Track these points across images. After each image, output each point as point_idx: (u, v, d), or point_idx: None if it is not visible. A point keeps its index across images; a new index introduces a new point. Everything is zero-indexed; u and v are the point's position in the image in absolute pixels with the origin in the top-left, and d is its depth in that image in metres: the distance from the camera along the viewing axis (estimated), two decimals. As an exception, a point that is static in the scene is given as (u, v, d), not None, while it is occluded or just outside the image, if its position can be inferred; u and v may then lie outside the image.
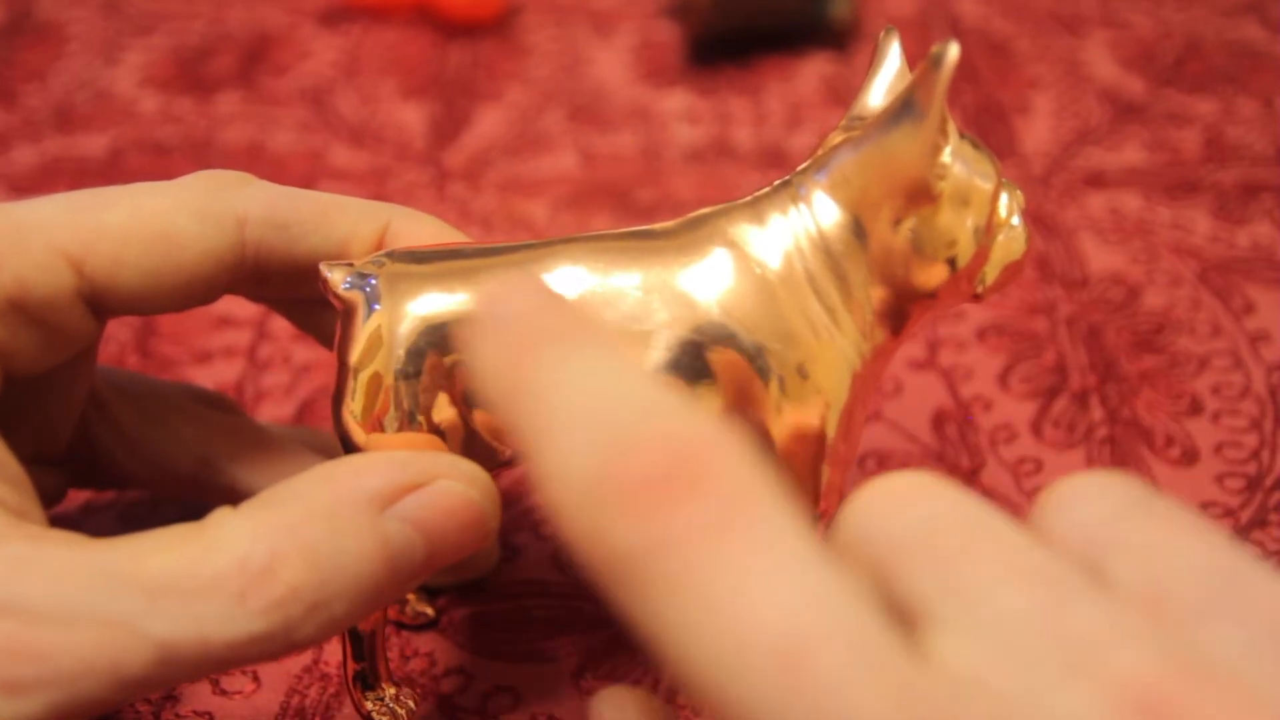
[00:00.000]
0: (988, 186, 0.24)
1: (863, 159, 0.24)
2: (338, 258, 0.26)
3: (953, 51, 0.22)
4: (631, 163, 0.47)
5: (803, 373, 0.24)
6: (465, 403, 0.24)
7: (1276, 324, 0.39)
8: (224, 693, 0.29)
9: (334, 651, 0.30)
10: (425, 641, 0.31)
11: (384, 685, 0.28)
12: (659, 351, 0.24)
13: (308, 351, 0.39)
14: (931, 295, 0.24)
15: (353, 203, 0.27)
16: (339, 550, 0.21)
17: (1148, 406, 0.37)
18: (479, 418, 0.25)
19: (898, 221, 0.24)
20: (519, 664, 0.30)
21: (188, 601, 0.20)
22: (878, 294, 0.24)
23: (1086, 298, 0.41)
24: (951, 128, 0.23)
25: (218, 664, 0.21)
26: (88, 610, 0.20)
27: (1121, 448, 0.35)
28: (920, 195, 0.23)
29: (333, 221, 0.26)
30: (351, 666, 0.27)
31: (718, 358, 0.24)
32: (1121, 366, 0.38)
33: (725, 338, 0.24)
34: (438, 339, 0.24)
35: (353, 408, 0.24)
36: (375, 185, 0.46)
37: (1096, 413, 0.37)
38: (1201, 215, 0.44)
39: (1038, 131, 0.48)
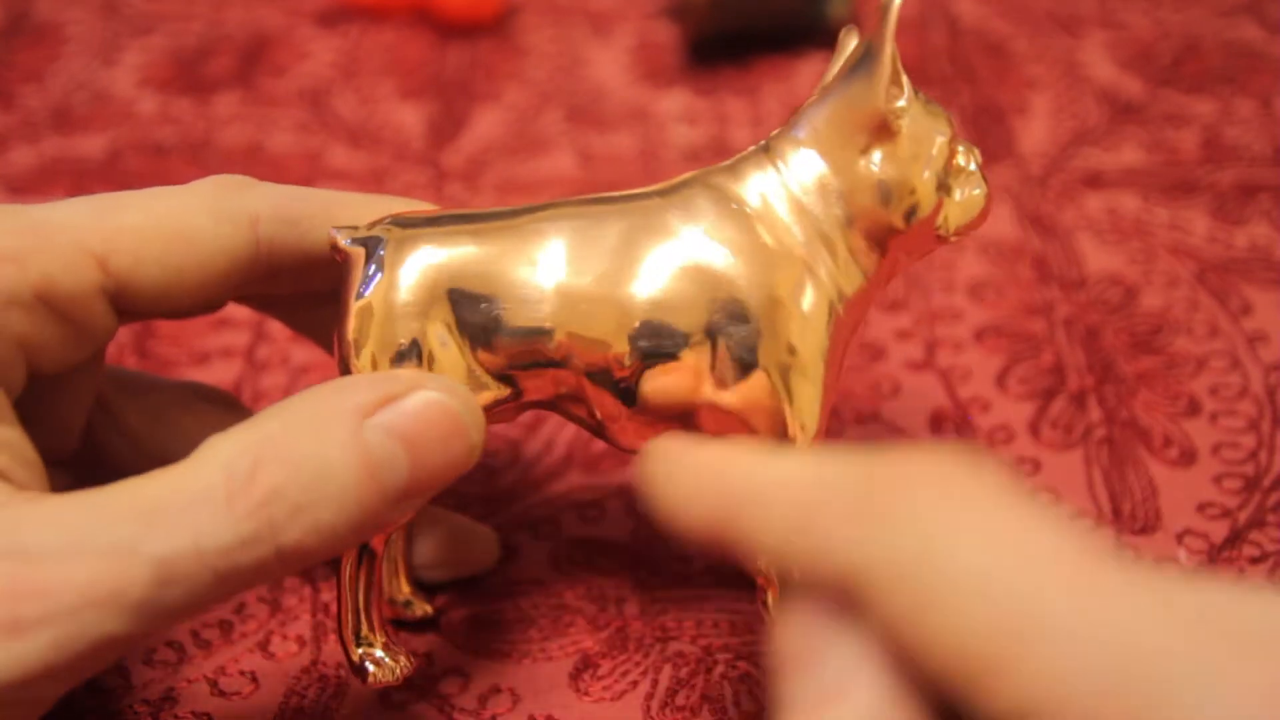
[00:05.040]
0: (944, 135, 0.27)
1: (830, 108, 0.27)
2: None
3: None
4: (630, 163, 0.47)
5: (775, 300, 0.26)
6: (462, 333, 0.26)
7: (1274, 325, 0.39)
8: (222, 694, 0.29)
9: (333, 653, 0.30)
10: (423, 642, 0.31)
11: (375, 635, 0.27)
12: (647, 281, 0.26)
13: (305, 353, 0.39)
14: (903, 229, 0.27)
15: (356, 197, 0.29)
16: (320, 457, 0.22)
17: (1145, 407, 0.37)
18: (479, 355, 0.27)
19: (864, 153, 0.26)
20: (517, 664, 0.30)
21: (180, 515, 0.21)
22: (853, 233, 0.27)
23: (1084, 298, 0.41)
24: (906, 82, 0.26)
25: (215, 578, 0.21)
26: (86, 543, 0.21)
27: (1119, 448, 0.35)
28: (882, 130, 0.26)
29: (337, 216, 0.28)
30: (347, 618, 0.27)
31: (696, 274, 0.26)
32: (1119, 367, 0.38)
33: (706, 254, 0.26)
34: (441, 281, 0.26)
35: (349, 338, 0.26)
36: (373, 186, 0.46)
37: (1094, 413, 0.37)
38: (1199, 216, 0.44)
39: (1035, 132, 0.49)
